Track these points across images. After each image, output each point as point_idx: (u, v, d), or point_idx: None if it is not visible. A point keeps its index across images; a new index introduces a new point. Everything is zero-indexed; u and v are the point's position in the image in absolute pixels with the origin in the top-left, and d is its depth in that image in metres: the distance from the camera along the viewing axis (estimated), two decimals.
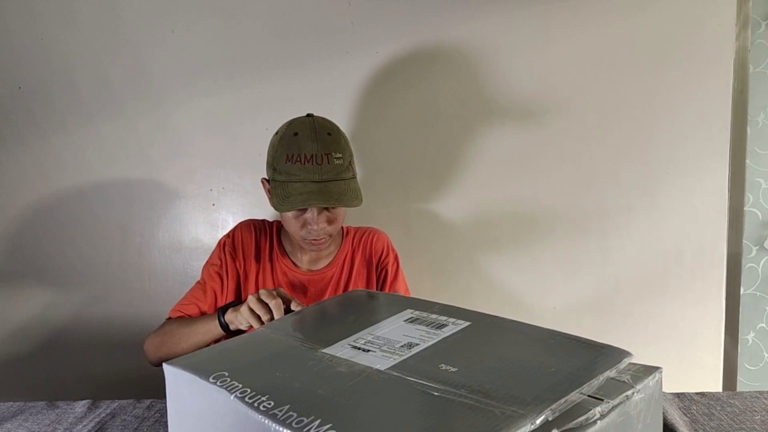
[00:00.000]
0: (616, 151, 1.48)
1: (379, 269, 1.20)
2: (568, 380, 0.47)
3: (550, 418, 0.42)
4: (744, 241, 1.52)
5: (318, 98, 1.46)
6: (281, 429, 0.44)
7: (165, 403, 0.65)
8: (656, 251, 1.50)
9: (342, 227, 1.22)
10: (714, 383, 1.52)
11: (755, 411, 0.86)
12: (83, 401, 0.97)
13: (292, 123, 1.09)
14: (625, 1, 1.43)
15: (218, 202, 1.53)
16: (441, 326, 0.61)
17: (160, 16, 1.45)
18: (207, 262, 1.19)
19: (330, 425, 0.43)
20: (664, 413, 0.85)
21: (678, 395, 0.92)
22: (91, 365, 1.56)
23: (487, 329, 0.60)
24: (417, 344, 0.57)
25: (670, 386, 1.02)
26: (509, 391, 0.45)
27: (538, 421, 0.41)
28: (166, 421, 0.88)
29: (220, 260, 1.16)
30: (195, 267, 1.54)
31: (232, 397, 0.50)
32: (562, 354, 0.53)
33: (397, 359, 0.54)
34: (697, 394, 0.92)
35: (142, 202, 1.53)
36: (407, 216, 1.51)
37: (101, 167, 1.52)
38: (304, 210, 1.04)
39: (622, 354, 0.53)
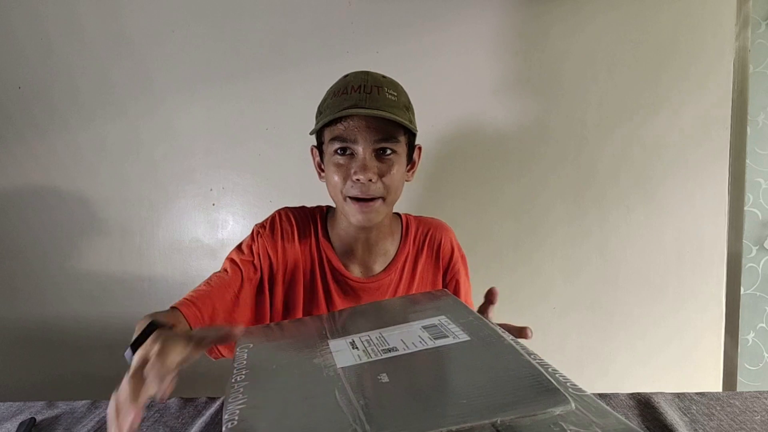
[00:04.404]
0: (616, 151, 1.48)
1: (449, 278, 1.01)
2: (466, 413, 0.45)
3: None
4: (744, 241, 1.52)
5: (318, 98, 1.46)
6: (228, 401, 0.53)
7: (165, 403, 0.66)
8: (656, 251, 1.50)
9: (401, 217, 1.02)
10: (714, 383, 1.52)
11: (755, 411, 0.86)
12: (83, 401, 0.97)
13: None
14: (626, 2, 1.43)
15: (218, 202, 1.53)
16: (440, 337, 0.61)
17: (160, 17, 1.45)
18: (235, 250, 0.95)
19: (244, 405, 0.51)
20: (663, 413, 0.85)
21: (678, 395, 0.92)
22: (91, 365, 1.56)
23: (471, 349, 0.59)
24: (397, 350, 0.59)
25: (670, 386, 1.02)
26: (395, 418, 0.46)
27: None
28: (166, 421, 0.88)
29: (252, 251, 0.93)
30: (195, 267, 1.55)
31: (235, 364, 0.62)
32: (500, 386, 0.50)
33: (359, 361, 0.57)
34: (697, 394, 0.92)
35: (142, 202, 1.53)
36: None
37: (101, 167, 1.52)
38: (351, 156, 0.85)
39: (560, 401, 0.46)
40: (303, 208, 1.00)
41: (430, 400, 0.48)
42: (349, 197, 0.86)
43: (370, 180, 0.84)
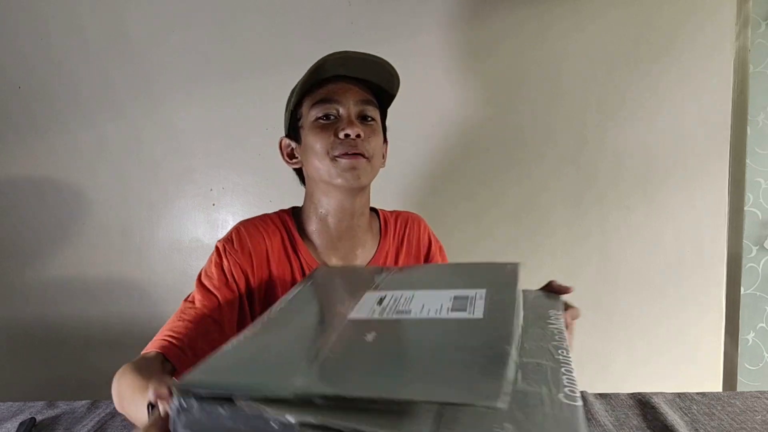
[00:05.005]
0: (616, 152, 1.48)
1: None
2: (409, 387, 0.41)
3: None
4: (744, 241, 1.52)
5: None
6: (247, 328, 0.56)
7: None
8: (656, 251, 1.50)
9: (378, 213, 1.01)
10: (714, 383, 1.52)
11: (756, 411, 0.86)
12: (83, 401, 0.96)
13: None
14: (626, 1, 1.43)
15: (218, 202, 1.53)
16: (459, 310, 0.57)
17: (160, 17, 1.45)
18: (202, 276, 0.86)
19: (249, 334, 0.54)
20: (664, 413, 0.85)
21: (679, 395, 0.92)
22: (91, 365, 1.56)
23: (470, 326, 0.55)
24: (408, 314, 0.57)
25: (670, 386, 1.02)
26: (341, 376, 0.44)
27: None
28: None
29: (224, 271, 0.85)
30: (195, 267, 1.55)
31: (283, 297, 0.66)
32: (451, 367, 0.46)
33: (370, 317, 0.57)
34: (698, 394, 0.92)
35: (142, 202, 1.53)
36: None
37: (101, 167, 1.52)
38: (335, 119, 0.85)
39: (487, 397, 0.39)
40: (265, 216, 0.95)
41: (390, 367, 0.46)
42: (336, 156, 0.84)
43: (358, 136, 0.83)
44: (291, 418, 0.38)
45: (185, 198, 1.53)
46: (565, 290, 0.73)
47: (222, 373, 0.45)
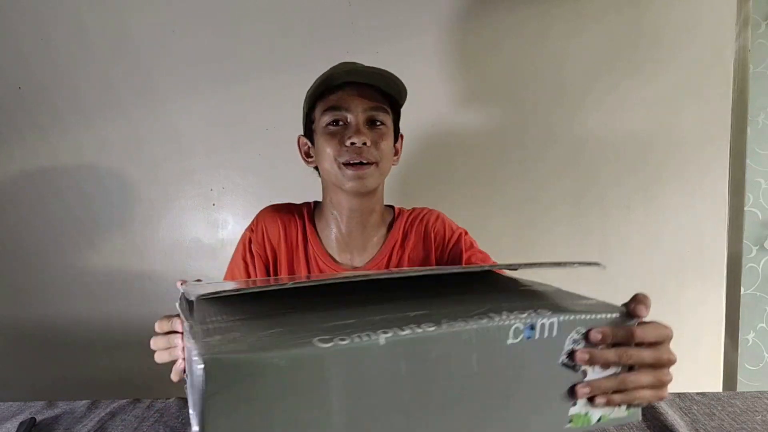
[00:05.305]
0: (616, 151, 1.48)
1: (450, 255, 0.98)
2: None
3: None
4: (744, 241, 1.52)
5: None
6: None
7: (164, 403, 0.65)
8: (656, 251, 1.50)
9: (393, 209, 1.04)
10: (714, 383, 1.52)
11: (756, 411, 0.86)
12: (83, 401, 0.96)
13: None
14: (625, 2, 1.43)
15: (218, 202, 1.53)
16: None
17: (160, 17, 1.45)
18: (232, 263, 1.02)
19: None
20: (664, 413, 0.85)
21: (679, 395, 0.92)
22: (91, 365, 1.56)
23: None
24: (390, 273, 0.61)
25: (670, 386, 1.02)
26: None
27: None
28: (166, 421, 0.88)
29: (245, 262, 1.00)
30: (195, 267, 1.55)
31: None
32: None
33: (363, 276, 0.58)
34: (698, 394, 0.92)
35: (142, 202, 1.53)
36: None
37: (101, 167, 1.52)
38: (344, 126, 0.89)
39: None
40: (290, 205, 1.05)
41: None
42: (344, 164, 0.88)
43: (365, 144, 0.87)
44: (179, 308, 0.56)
45: (185, 198, 1.53)
46: (634, 312, 0.55)
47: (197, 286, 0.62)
